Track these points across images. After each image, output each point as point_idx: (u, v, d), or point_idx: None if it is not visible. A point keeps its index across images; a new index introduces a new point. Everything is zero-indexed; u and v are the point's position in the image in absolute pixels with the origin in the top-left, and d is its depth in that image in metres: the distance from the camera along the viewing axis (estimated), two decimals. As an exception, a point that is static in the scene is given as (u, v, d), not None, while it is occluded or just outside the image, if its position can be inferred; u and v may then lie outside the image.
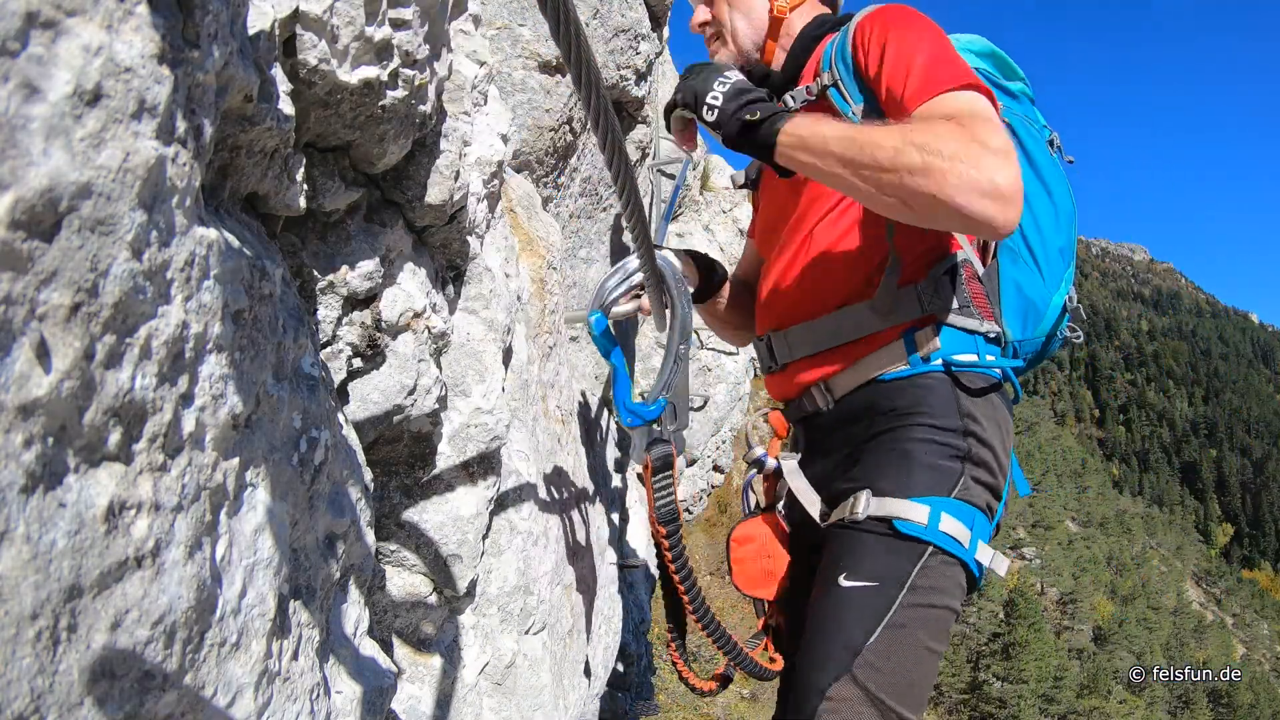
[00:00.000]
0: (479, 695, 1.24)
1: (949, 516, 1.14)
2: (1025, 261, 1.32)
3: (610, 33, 2.27)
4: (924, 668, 1.12)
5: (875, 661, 1.10)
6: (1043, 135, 1.37)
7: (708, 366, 4.33)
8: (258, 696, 0.56)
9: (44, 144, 0.36)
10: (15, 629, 0.34)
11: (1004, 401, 1.27)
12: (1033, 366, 1.43)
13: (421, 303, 0.98)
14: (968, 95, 1.07)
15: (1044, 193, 1.33)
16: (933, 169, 0.97)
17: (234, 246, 0.56)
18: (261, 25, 0.62)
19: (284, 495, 0.64)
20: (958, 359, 1.22)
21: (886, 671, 1.09)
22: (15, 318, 0.34)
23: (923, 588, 1.12)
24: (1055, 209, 1.33)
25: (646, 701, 3.85)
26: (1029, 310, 1.32)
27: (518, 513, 1.38)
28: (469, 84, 1.10)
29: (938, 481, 1.17)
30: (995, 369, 1.25)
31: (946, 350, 1.23)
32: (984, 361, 1.24)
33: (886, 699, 1.08)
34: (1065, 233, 1.34)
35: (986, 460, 1.20)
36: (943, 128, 1.01)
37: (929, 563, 1.13)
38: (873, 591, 1.13)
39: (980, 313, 1.29)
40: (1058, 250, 1.33)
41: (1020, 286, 1.32)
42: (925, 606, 1.12)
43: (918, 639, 1.11)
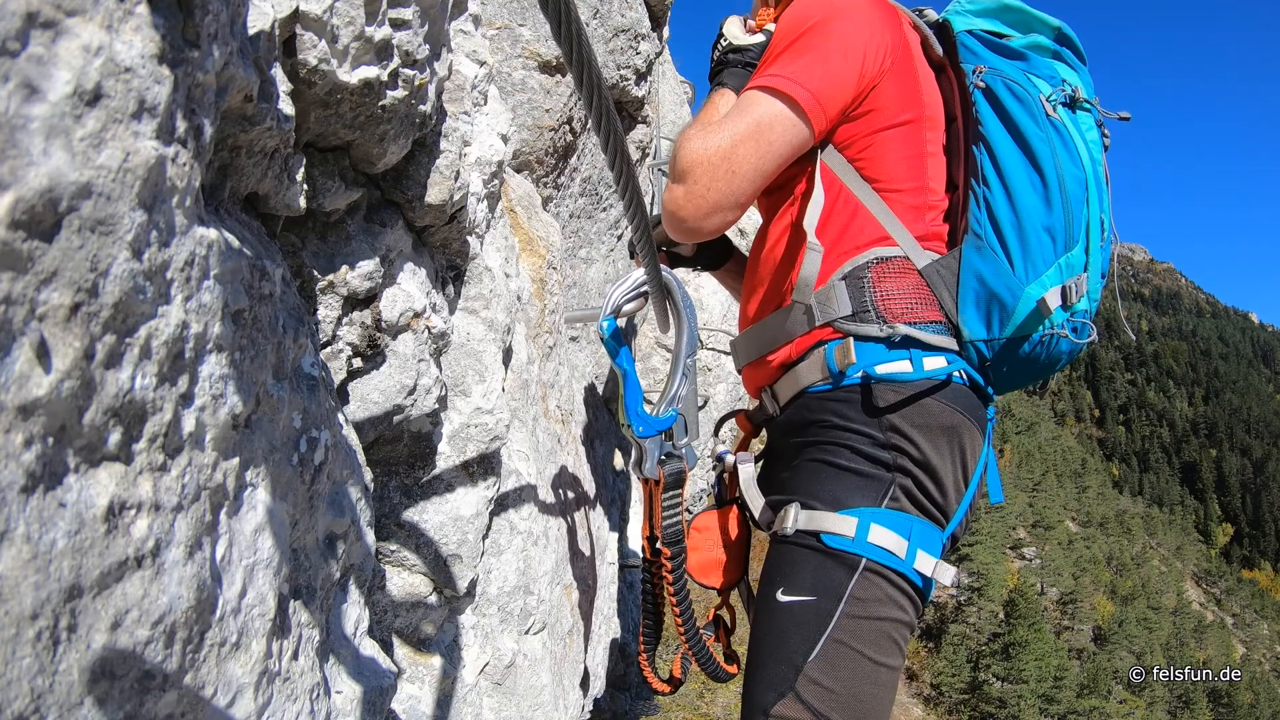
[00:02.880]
0: (479, 695, 1.24)
1: (879, 527, 1.10)
2: (991, 248, 1.17)
3: (610, 33, 2.27)
4: (873, 682, 1.08)
5: (819, 678, 1.07)
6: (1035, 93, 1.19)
7: (708, 366, 4.33)
8: (258, 696, 0.56)
9: (44, 144, 0.36)
10: (15, 629, 0.34)
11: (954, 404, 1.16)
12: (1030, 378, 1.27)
13: (421, 303, 0.98)
14: (747, 100, 1.15)
15: (1023, 164, 1.17)
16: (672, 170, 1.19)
17: (234, 246, 0.56)
18: (261, 25, 0.62)
19: (284, 495, 0.64)
20: (879, 371, 1.16)
21: (831, 688, 1.06)
22: (15, 318, 0.34)
23: (861, 599, 1.08)
24: (1044, 182, 1.16)
25: (646, 701, 3.85)
26: (992, 304, 1.17)
27: (518, 513, 1.38)
28: (469, 84, 1.10)
29: (865, 492, 1.13)
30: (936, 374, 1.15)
31: (866, 362, 1.17)
32: (920, 371, 1.15)
33: (834, 716, 1.05)
34: (1060, 210, 1.15)
35: (917, 469, 1.13)
36: (695, 127, 1.19)
37: (864, 575, 1.09)
38: (811, 607, 1.10)
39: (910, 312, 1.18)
40: (1042, 229, 1.16)
41: (982, 277, 1.17)
42: (866, 619, 1.08)
43: (861, 653, 1.07)
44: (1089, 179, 1.18)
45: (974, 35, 1.26)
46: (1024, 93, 1.18)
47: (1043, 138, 1.16)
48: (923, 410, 1.15)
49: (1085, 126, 1.22)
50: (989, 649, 26.47)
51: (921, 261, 1.20)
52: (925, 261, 1.20)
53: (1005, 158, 1.17)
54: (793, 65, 1.14)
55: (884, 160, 1.21)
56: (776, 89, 1.13)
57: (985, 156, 1.18)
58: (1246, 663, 45.62)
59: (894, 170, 1.21)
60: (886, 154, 1.21)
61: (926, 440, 1.14)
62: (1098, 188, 1.20)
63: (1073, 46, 1.30)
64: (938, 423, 1.15)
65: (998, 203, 1.17)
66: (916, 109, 1.22)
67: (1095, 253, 1.18)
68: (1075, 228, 1.16)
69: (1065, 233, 1.16)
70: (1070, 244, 1.17)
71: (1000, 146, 1.17)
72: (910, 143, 1.22)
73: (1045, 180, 1.16)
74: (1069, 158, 1.17)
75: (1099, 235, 1.19)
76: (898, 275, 1.20)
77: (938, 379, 1.16)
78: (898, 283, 1.19)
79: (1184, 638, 41.79)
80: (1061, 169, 1.16)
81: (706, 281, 4.48)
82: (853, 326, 1.19)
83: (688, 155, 1.14)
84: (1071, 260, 1.17)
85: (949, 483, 1.15)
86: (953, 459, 1.15)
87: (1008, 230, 1.16)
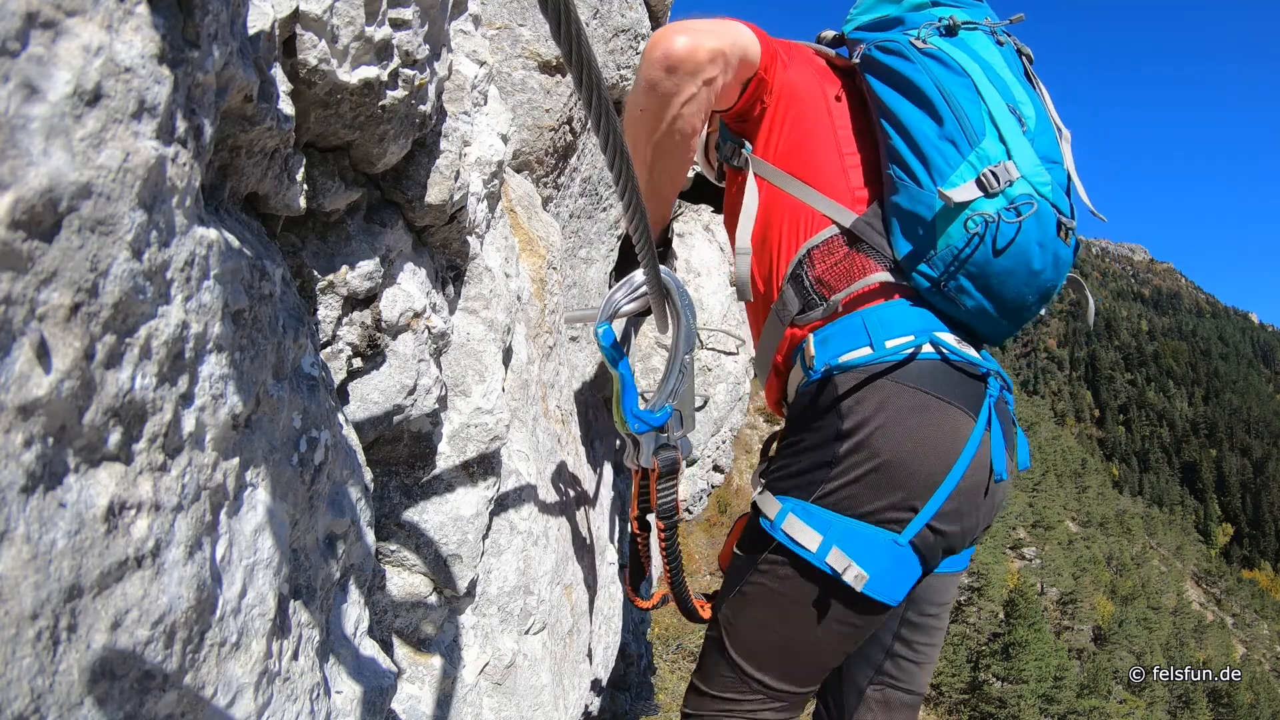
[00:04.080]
0: (479, 695, 1.24)
1: (795, 519, 1.21)
2: (900, 180, 1.23)
3: (610, 33, 2.27)
4: (767, 637, 1.27)
5: (730, 616, 1.32)
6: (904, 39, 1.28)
7: (708, 366, 4.33)
8: (258, 696, 0.56)
9: (44, 144, 0.36)
10: (15, 629, 0.34)
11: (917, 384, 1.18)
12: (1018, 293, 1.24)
13: (421, 303, 0.98)
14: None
15: (904, 100, 1.25)
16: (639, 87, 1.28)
17: (234, 246, 0.56)
18: (261, 25, 0.62)
19: (284, 495, 0.64)
20: (842, 360, 1.21)
21: (734, 626, 1.31)
22: (15, 318, 0.34)
23: (768, 572, 1.26)
24: (928, 102, 1.22)
25: (646, 701, 3.85)
26: (915, 225, 1.22)
27: (518, 513, 1.38)
28: (469, 84, 1.10)
29: (803, 486, 1.22)
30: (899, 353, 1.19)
31: (830, 354, 1.24)
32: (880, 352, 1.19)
33: (730, 645, 1.30)
34: (950, 119, 1.20)
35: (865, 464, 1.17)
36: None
37: (775, 554, 1.24)
38: (741, 561, 1.32)
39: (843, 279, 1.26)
40: (939, 140, 1.20)
41: (900, 206, 1.23)
42: (766, 588, 1.26)
43: (758, 611, 1.27)
44: (977, 81, 1.23)
45: (859, 29, 1.41)
46: (892, 44, 1.29)
47: (916, 69, 1.25)
48: (880, 393, 1.18)
49: (973, 39, 1.30)
50: (989, 649, 26.47)
51: (848, 221, 1.28)
52: (852, 220, 1.28)
53: (891, 103, 1.26)
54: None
55: (802, 149, 1.33)
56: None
57: (880, 116, 1.28)
58: (1246, 663, 45.62)
59: (812, 154, 1.32)
60: (802, 143, 1.33)
61: (880, 429, 1.17)
62: (997, 86, 1.24)
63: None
64: (896, 405, 1.17)
65: (897, 142, 1.24)
66: (818, 95, 1.34)
67: (1015, 138, 1.21)
68: (973, 125, 1.20)
69: (963, 132, 1.20)
70: (974, 141, 1.20)
71: (886, 97, 1.27)
72: (820, 124, 1.33)
73: (928, 99, 1.23)
74: (948, 72, 1.24)
75: (1013, 123, 1.22)
76: (827, 254, 1.29)
77: (896, 359, 1.18)
78: (827, 260, 1.28)
79: (1184, 638, 41.79)
80: (942, 84, 1.22)
81: (706, 281, 4.48)
82: (804, 318, 1.30)
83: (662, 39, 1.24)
84: (982, 153, 1.19)
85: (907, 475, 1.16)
86: (917, 445, 1.16)
87: (909, 158, 1.22)
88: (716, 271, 4.70)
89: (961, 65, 1.24)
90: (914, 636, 1.40)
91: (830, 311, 1.25)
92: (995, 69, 1.27)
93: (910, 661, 1.41)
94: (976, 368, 1.22)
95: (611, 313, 1.40)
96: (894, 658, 1.40)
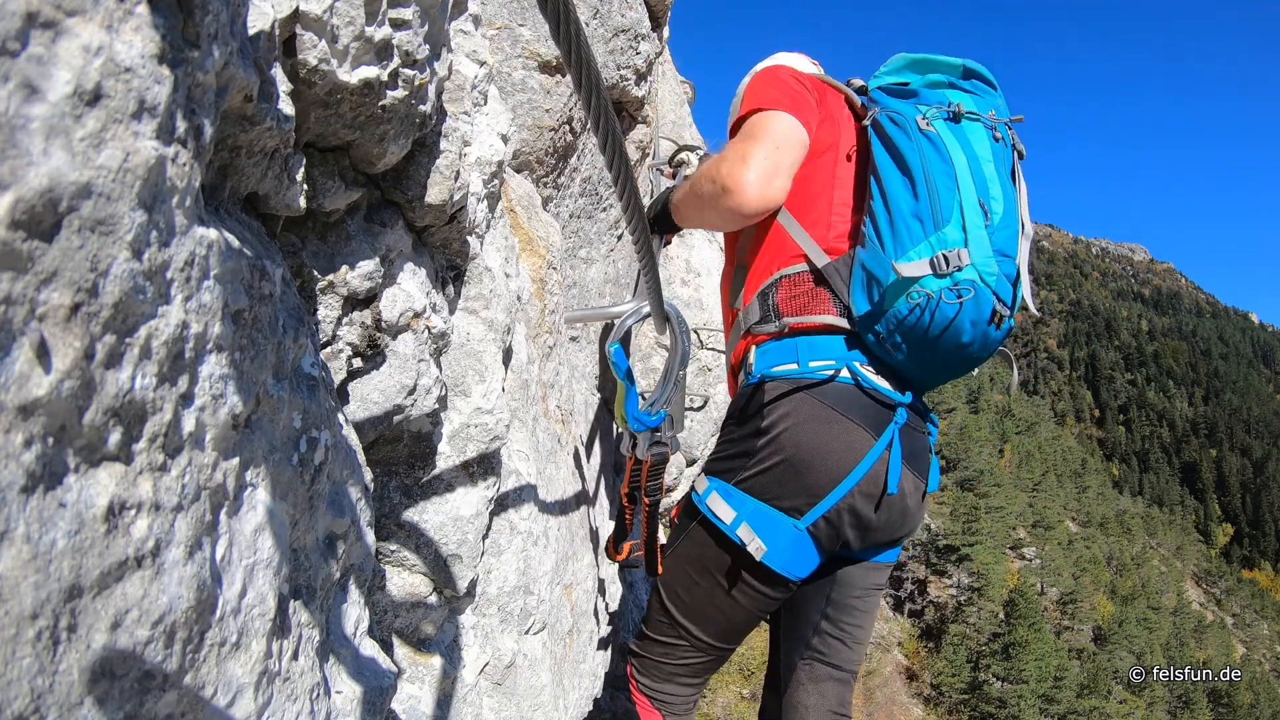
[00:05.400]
0: (479, 695, 1.24)
1: (717, 496, 1.48)
2: (869, 238, 1.42)
3: (610, 33, 2.26)
4: (690, 591, 1.54)
5: (665, 572, 1.61)
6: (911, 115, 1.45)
7: (707, 366, 4.33)
8: (258, 696, 0.56)
9: (44, 144, 0.36)
10: (15, 629, 0.34)
11: (833, 403, 1.41)
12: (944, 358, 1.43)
13: (421, 303, 0.98)
14: (745, 124, 1.51)
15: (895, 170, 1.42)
16: (704, 191, 1.53)
17: (234, 246, 0.56)
18: (261, 25, 0.62)
19: (284, 495, 0.64)
20: (773, 370, 1.47)
21: (667, 578, 1.60)
22: (15, 318, 0.34)
23: (695, 538, 1.53)
24: (911, 179, 1.40)
25: (646, 701, 3.84)
26: (872, 283, 1.40)
27: (518, 513, 1.38)
28: (469, 84, 1.10)
29: (728, 471, 1.48)
30: (820, 373, 1.43)
31: (762, 365, 1.49)
32: (804, 369, 1.43)
33: (664, 595, 1.59)
34: (925, 199, 1.37)
35: (774, 459, 1.42)
36: (709, 160, 1.54)
37: (699, 525, 1.52)
38: (677, 528, 1.60)
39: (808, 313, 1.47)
40: (910, 216, 1.38)
41: (864, 264, 1.42)
42: (691, 551, 1.54)
43: (684, 568, 1.56)
44: (957, 170, 1.40)
45: (882, 89, 1.58)
46: (900, 118, 1.46)
47: (912, 146, 1.42)
48: (795, 403, 1.42)
49: (972, 131, 1.47)
50: (989, 649, 26.47)
51: (822, 263, 1.49)
52: (825, 263, 1.49)
53: (883, 169, 1.44)
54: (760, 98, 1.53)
55: (804, 193, 1.53)
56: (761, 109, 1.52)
57: (872, 176, 1.46)
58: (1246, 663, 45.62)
59: (808, 198, 1.53)
60: (807, 188, 1.54)
61: (790, 433, 1.41)
62: (976, 179, 1.41)
63: (980, 77, 1.58)
64: (806, 414, 1.41)
65: (877, 205, 1.42)
66: (832, 147, 1.55)
67: (976, 229, 1.37)
68: (943, 210, 1.37)
69: (932, 214, 1.37)
70: (939, 224, 1.36)
71: (880, 163, 1.45)
72: (823, 175, 1.54)
73: (912, 177, 1.40)
74: (938, 157, 1.40)
75: (979, 215, 1.38)
76: (794, 284, 1.50)
77: (818, 378, 1.42)
78: (793, 290, 1.50)
79: (1184, 638, 41.78)
80: (928, 167, 1.39)
81: (706, 281, 4.48)
82: (760, 328, 1.52)
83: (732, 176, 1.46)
84: (944, 237, 1.36)
85: (808, 474, 1.41)
86: (818, 450, 1.40)
87: (882, 223, 1.40)
88: (716, 271, 4.70)
89: (950, 154, 1.41)
90: (839, 616, 1.61)
91: (779, 330, 1.48)
92: (981, 163, 1.44)
93: (836, 639, 1.62)
94: (888, 398, 1.44)
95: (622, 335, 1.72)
96: (821, 635, 1.62)
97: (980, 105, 1.51)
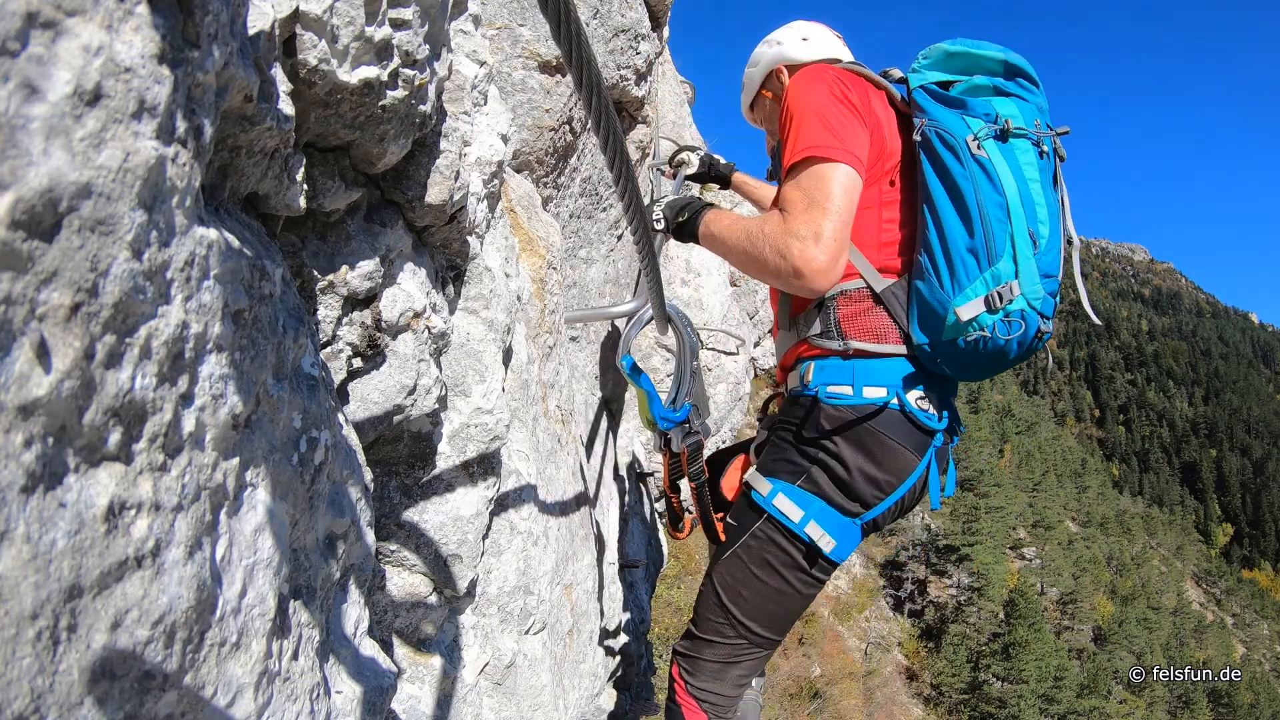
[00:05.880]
0: (479, 695, 1.24)
1: (784, 497, 1.58)
2: (926, 270, 1.47)
3: (610, 33, 2.26)
4: (753, 587, 1.61)
5: (723, 571, 1.66)
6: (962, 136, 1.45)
7: (708, 366, 4.33)
8: (258, 696, 0.56)
9: (44, 144, 0.36)
10: (15, 629, 0.34)
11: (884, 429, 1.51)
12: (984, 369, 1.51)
13: (421, 303, 0.98)
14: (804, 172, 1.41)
15: (949, 202, 1.45)
16: (766, 258, 1.43)
17: (234, 246, 0.56)
18: (261, 25, 0.62)
19: (284, 495, 0.64)
20: (829, 390, 1.55)
21: (726, 580, 1.65)
22: (15, 318, 0.34)
23: (759, 536, 1.60)
24: (965, 213, 1.43)
25: (646, 701, 3.84)
26: (927, 315, 1.48)
27: (518, 513, 1.38)
28: (469, 84, 1.10)
29: (788, 473, 1.59)
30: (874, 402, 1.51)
31: (819, 381, 1.57)
32: (858, 397, 1.52)
33: (723, 596, 1.65)
34: (980, 234, 1.41)
35: (836, 471, 1.53)
36: (773, 221, 1.43)
37: (764, 525, 1.60)
38: (734, 529, 1.66)
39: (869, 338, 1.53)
40: (966, 251, 1.42)
41: (923, 296, 1.48)
42: (756, 549, 1.61)
43: (747, 567, 1.62)
44: (1009, 202, 1.43)
45: (925, 90, 1.54)
46: (952, 139, 1.46)
47: (965, 175, 1.43)
48: (856, 429, 1.53)
49: (1020, 150, 1.47)
50: (989, 649, 26.47)
51: (880, 287, 1.54)
52: (883, 287, 1.54)
53: (938, 200, 1.46)
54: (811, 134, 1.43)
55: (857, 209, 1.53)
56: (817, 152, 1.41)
57: (923, 198, 1.49)
58: (1246, 663, 45.61)
59: (862, 216, 1.51)
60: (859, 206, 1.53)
61: (847, 450, 1.53)
62: (1025, 205, 1.44)
63: (1024, 74, 1.55)
64: (866, 438, 1.52)
65: (933, 238, 1.46)
66: (878, 161, 1.53)
67: (1026, 260, 1.42)
68: (996, 246, 1.41)
69: (987, 251, 1.42)
70: (993, 259, 1.41)
71: (935, 192, 1.47)
72: (874, 191, 1.54)
73: (967, 212, 1.43)
74: (990, 187, 1.43)
75: (1028, 245, 1.43)
76: (854, 304, 1.55)
77: (873, 405, 1.52)
78: (853, 309, 1.55)
79: (1184, 638, 41.78)
80: (981, 199, 1.42)
81: (706, 281, 4.48)
82: (820, 342, 1.58)
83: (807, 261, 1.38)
84: (998, 272, 1.41)
85: (864, 486, 1.53)
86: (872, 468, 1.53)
87: (939, 258, 1.45)
88: (716, 272, 4.70)
89: (1002, 181, 1.43)
90: None
91: (843, 350, 1.54)
92: (1029, 185, 1.46)
93: None
94: (928, 426, 1.54)
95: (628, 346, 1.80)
96: None
97: (1026, 112, 1.50)
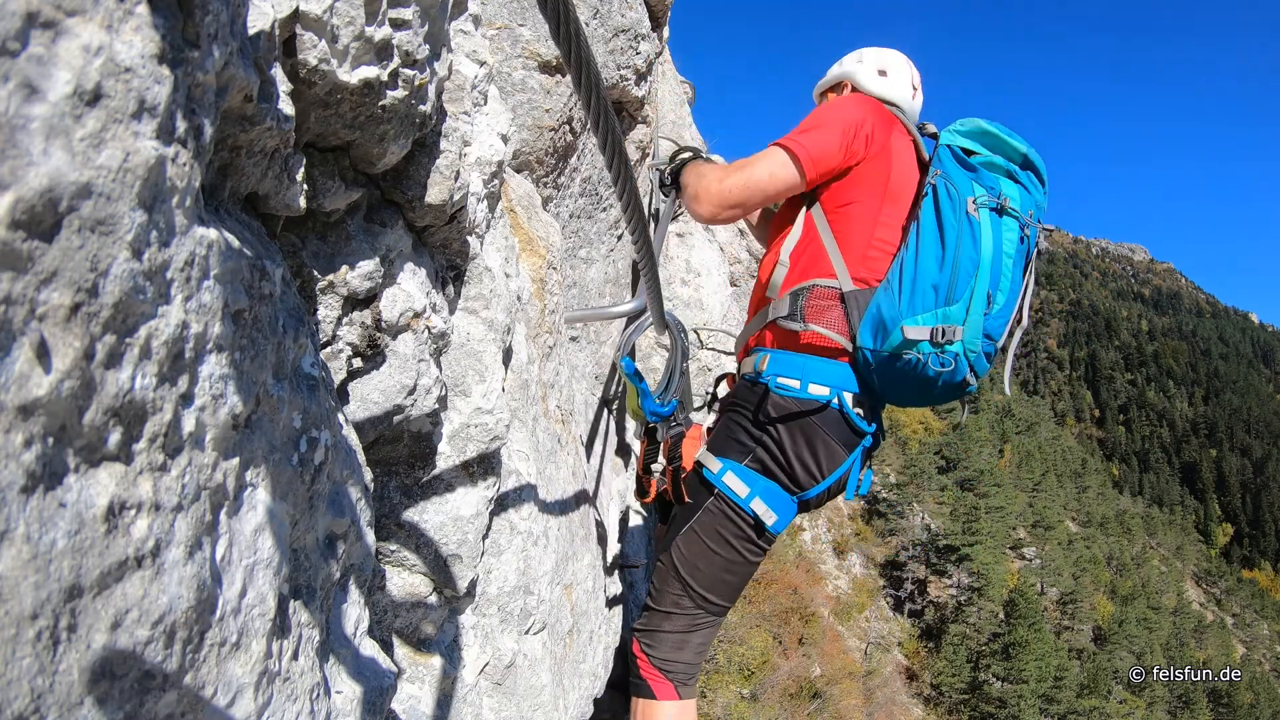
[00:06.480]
0: (479, 695, 1.24)
1: (732, 474, 1.77)
2: (892, 288, 1.67)
3: (610, 33, 2.26)
4: (708, 559, 1.80)
5: (681, 546, 1.83)
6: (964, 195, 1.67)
7: (708, 366, 4.34)
8: (258, 696, 0.56)
9: (44, 144, 0.36)
10: (15, 629, 0.34)
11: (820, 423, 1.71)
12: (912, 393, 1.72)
13: (421, 303, 0.98)
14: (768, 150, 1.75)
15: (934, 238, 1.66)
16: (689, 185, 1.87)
17: (234, 246, 0.56)
18: (261, 25, 0.62)
19: (284, 495, 0.64)
20: (780, 381, 1.74)
21: (684, 554, 1.82)
22: (15, 318, 0.34)
23: (711, 512, 1.79)
24: (943, 252, 1.64)
25: (646, 701, 3.84)
26: (880, 326, 1.67)
27: (518, 513, 1.38)
28: (469, 84, 1.10)
29: (737, 452, 1.79)
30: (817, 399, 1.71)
31: (772, 371, 1.76)
32: (803, 392, 1.72)
33: (681, 569, 1.82)
34: (948, 274, 1.63)
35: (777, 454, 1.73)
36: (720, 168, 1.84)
37: (715, 501, 1.79)
38: (689, 507, 1.84)
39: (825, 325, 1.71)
40: (930, 285, 1.63)
41: (880, 306, 1.67)
42: (710, 524, 1.79)
43: (702, 540, 1.80)
44: (982, 261, 1.64)
45: (950, 150, 1.75)
46: (955, 193, 1.68)
47: (954, 224, 1.65)
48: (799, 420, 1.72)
49: (1007, 227, 1.69)
50: (989, 649, 26.47)
51: (847, 288, 1.73)
52: (850, 289, 1.72)
53: (925, 232, 1.67)
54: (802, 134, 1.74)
55: (849, 222, 1.76)
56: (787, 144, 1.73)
57: (914, 230, 1.69)
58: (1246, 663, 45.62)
59: (852, 230, 1.75)
60: (851, 218, 1.75)
61: (789, 437, 1.73)
62: (994, 271, 1.65)
63: (1035, 170, 1.78)
64: (806, 430, 1.72)
65: (908, 260, 1.67)
66: (882, 189, 1.75)
67: (976, 314, 1.63)
68: (957, 290, 1.63)
69: (948, 291, 1.63)
70: (950, 300, 1.63)
71: (925, 225, 1.68)
72: (870, 213, 1.75)
73: (945, 252, 1.64)
74: (971, 243, 1.64)
75: (983, 304, 1.63)
76: (823, 297, 1.74)
77: (816, 401, 1.72)
78: (819, 303, 1.74)
79: (1184, 638, 41.76)
80: (960, 249, 1.63)
81: (706, 281, 4.48)
82: (785, 323, 1.75)
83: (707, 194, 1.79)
84: (949, 312, 1.63)
85: (800, 470, 1.74)
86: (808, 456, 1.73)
87: (906, 279, 1.65)
88: (716, 272, 4.70)
89: (982, 244, 1.65)
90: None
91: (800, 330, 1.73)
92: (1004, 258, 1.68)
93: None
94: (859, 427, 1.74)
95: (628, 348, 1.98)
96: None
97: (1024, 200, 1.72)
